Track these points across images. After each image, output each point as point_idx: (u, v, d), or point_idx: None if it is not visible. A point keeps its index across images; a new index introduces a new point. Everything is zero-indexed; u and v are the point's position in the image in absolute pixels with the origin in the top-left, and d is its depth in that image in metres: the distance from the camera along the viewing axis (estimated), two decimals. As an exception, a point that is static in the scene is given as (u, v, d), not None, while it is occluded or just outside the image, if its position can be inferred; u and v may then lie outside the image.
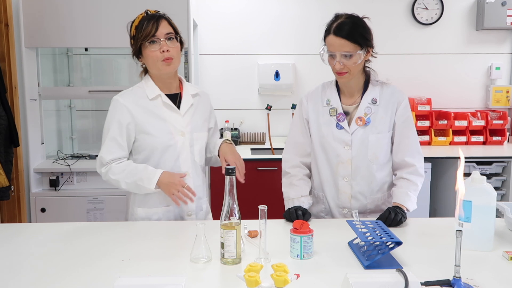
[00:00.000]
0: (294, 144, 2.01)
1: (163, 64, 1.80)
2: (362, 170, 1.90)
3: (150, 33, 1.77)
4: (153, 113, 1.86)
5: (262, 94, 3.93)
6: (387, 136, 1.90)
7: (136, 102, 1.86)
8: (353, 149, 1.89)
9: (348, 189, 1.91)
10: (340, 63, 1.79)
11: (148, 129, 1.84)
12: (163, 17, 1.83)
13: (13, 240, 1.67)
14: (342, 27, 1.79)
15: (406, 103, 1.92)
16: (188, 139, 1.89)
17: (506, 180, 3.39)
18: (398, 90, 1.94)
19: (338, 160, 1.90)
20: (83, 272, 1.37)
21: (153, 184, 1.79)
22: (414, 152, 1.91)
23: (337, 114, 1.91)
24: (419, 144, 1.95)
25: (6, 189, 2.75)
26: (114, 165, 1.83)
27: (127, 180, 1.81)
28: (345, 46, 1.78)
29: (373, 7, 3.87)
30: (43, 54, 3.38)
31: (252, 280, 1.11)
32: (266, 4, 3.90)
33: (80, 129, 3.79)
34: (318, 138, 1.94)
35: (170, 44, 1.80)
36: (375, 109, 1.89)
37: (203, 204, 1.99)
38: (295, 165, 1.99)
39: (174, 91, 1.92)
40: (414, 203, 1.86)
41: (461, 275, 1.21)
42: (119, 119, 1.83)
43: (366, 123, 1.88)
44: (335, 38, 1.79)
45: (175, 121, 1.87)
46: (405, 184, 1.87)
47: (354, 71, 1.83)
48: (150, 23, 1.77)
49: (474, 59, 3.99)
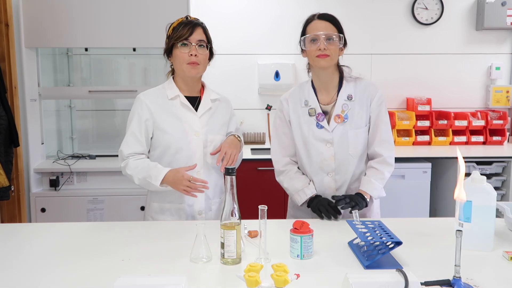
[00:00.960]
0: (280, 146, 2.05)
1: (188, 67, 1.89)
2: (345, 164, 1.95)
3: (183, 36, 1.87)
4: (171, 112, 1.93)
5: (262, 94, 3.93)
6: (365, 130, 1.96)
7: (156, 101, 1.94)
8: (335, 146, 1.94)
9: (333, 184, 1.97)
10: (323, 43, 1.86)
11: (164, 126, 1.91)
12: (200, 25, 1.92)
13: (13, 240, 1.67)
14: (325, 14, 1.92)
15: (379, 96, 1.97)
16: (202, 140, 1.94)
17: (506, 180, 3.39)
18: (370, 84, 2.00)
19: (322, 157, 1.95)
20: (83, 272, 1.38)
21: (158, 181, 1.83)
22: (383, 142, 1.96)
23: (316, 114, 1.96)
24: (391, 134, 2.00)
25: (6, 189, 2.75)
26: (131, 160, 1.90)
27: (139, 175, 1.87)
28: (328, 28, 1.88)
29: (373, 7, 3.87)
30: (43, 54, 3.38)
31: (252, 280, 1.11)
32: (266, 4, 3.90)
33: (80, 129, 3.79)
34: (301, 138, 1.98)
35: (199, 50, 1.89)
36: (351, 105, 1.95)
37: (212, 205, 2.00)
38: (286, 163, 2.03)
39: (195, 94, 2.00)
40: (379, 190, 1.92)
41: (461, 275, 1.21)
42: (139, 115, 1.91)
43: (344, 120, 1.94)
44: (320, 22, 1.90)
45: (191, 121, 1.94)
46: (371, 173, 1.94)
47: (334, 56, 1.90)
48: (187, 27, 1.88)
49: (474, 59, 3.99)
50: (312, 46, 1.89)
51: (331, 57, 1.88)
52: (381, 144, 1.95)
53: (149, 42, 3.15)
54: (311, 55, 1.91)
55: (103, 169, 3.16)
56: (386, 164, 1.94)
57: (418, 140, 3.74)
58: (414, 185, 3.32)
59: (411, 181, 3.31)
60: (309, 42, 1.90)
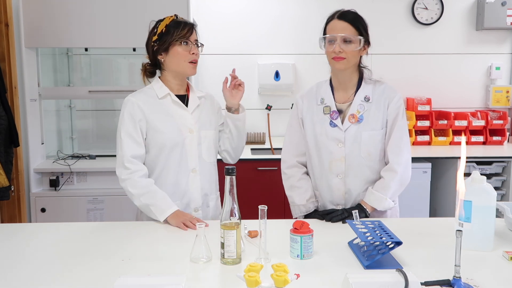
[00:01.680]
0: (290, 144, 2.03)
1: (190, 66, 1.92)
2: (356, 167, 1.91)
3: (185, 35, 1.89)
4: (163, 111, 1.93)
5: (262, 94, 3.93)
6: (380, 133, 1.91)
7: (147, 101, 1.93)
8: (346, 146, 1.90)
9: (342, 186, 1.93)
10: (339, 46, 1.82)
11: (158, 126, 1.91)
12: (194, 25, 1.97)
13: (13, 240, 1.67)
14: (347, 14, 1.87)
15: (397, 100, 1.91)
16: (196, 137, 1.95)
17: (506, 180, 3.39)
18: (389, 87, 1.95)
19: (332, 157, 1.92)
20: (83, 272, 1.37)
21: (163, 217, 1.80)
22: (395, 147, 1.89)
23: (330, 112, 1.93)
24: (406, 140, 1.91)
25: (6, 189, 2.75)
26: (137, 177, 1.85)
27: (142, 199, 1.84)
28: (347, 30, 1.83)
29: (373, 7, 3.87)
30: (43, 54, 3.38)
31: (252, 280, 1.11)
32: (266, 4, 3.90)
33: (80, 129, 3.79)
34: (312, 137, 1.96)
35: (196, 50, 1.94)
36: (368, 106, 1.90)
37: (210, 201, 2.01)
38: (291, 165, 2.02)
39: (182, 92, 2.01)
40: (382, 201, 1.86)
41: (461, 275, 1.21)
42: (132, 116, 1.89)
43: (359, 120, 1.89)
44: (339, 22, 1.85)
45: (184, 118, 1.94)
46: (377, 183, 1.90)
47: (351, 59, 1.85)
48: (187, 27, 1.90)
49: (474, 59, 3.99)
50: (329, 47, 1.85)
51: (347, 60, 1.84)
52: (392, 150, 1.89)
53: (149, 42, 3.15)
54: (328, 56, 1.88)
55: (103, 169, 3.16)
56: (391, 172, 1.87)
57: (418, 140, 3.74)
58: (414, 185, 3.29)
59: (411, 181, 3.26)
60: (327, 42, 1.87)
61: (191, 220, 1.76)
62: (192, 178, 1.95)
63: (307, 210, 1.96)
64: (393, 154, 1.88)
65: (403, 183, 1.91)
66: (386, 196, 1.86)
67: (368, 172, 1.91)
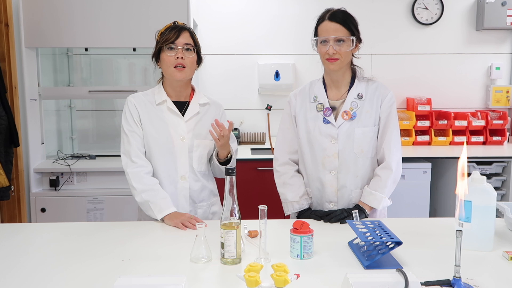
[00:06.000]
0: (283, 141, 2.04)
1: (175, 71, 1.89)
2: (348, 163, 1.93)
3: (169, 39, 1.87)
4: (157, 117, 1.94)
5: (262, 94, 3.93)
6: (373, 130, 1.93)
7: (144, 104, 1.95)
8: (340, 142, 1.92)
9: (335, 183, 1.94)
10: (333, 47, 1.83)
11: (149, 129, 1.92)
12: (186, 29, 1.93)
13: (13, 240, 1.67)
14: (337, 14, 1.87)
15: (390, 98, 1.94)
16: (188, 145, 1.95)
17: (506, 180, 3.39)
18: (382, 85, 1.97)
19: (325, 154, 1.93)
20: (83, 272, 1.38)
21: (161, 215, 1.83)
22: (389, 145, 1.92)
23: (323, 109, 1.94)
24: (398, 137, 1.95)
25: (6, 189, 2.75)
26: (143, 173, 1.88)
27: (144, 195, 1.86)
28: (339, 31, 1.84)
29: (373, 7, 3.87)
30: (43, 54, 3.38)
31: (252, 280, 1.11)
32: (265, 4, 3.90)
33: (80, 129, 3.79)
34: (305, 134, 1.97)
35: (186, 53, 1.90)
36: (361, 103, 1.93)
37: (198, 208, 2.00)
38: (284, 162, 2.03)
39: (183, 99, 2.00)
40: (381, 200, 1.88)
41: (461, 275, 1.21)
42: (132, 115, 1.93)
43: (352, 117, 1.91)
44: (330, 23, 1.85)
45: (177, 125, 1.94)
46: (373, 182, 1.91)
47: (345, 58, 1.87)
48: (173, 31, 1.89)
49: (474, 59, 3.99)
50: (322, 48, 1.87)
51: (341, 60, 1.86)
52: (386, 148, 1.91)
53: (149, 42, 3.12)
54: (321, 56, 1.90)
55: (103, 169, 3.16)
56: (387, 170, 1.90)
57: (418, 140, 3.74)
58: (414, 185, 3.32)
59: (411, 181, 3.31)
60: (319, 43, 1.88)
61: (190, 220, 1.77)
62: (181, 185, 1.95)
63: (300, 207, 1.96)
64: (388, 152, 1.91)
65: (396, 180, 1.94)
66: (384, 195, 1.89)
67: (361, 169, 1.93)
